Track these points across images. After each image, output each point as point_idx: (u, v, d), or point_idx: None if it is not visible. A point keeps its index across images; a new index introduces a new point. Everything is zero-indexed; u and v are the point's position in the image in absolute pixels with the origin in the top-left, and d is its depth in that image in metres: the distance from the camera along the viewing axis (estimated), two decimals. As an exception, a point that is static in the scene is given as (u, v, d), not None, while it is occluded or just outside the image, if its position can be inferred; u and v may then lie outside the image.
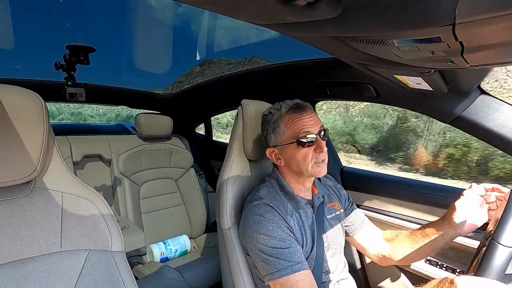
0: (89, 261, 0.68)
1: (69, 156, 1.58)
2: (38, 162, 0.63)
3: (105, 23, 10.28)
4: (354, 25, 0.52)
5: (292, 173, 0.92)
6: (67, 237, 0.67)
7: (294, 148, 0.86)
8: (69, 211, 0.68)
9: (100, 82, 1.88)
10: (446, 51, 0.52)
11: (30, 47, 9.59)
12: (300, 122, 0.85)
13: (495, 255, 0.57)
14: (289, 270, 0.77)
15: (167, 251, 1.67)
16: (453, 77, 0.86)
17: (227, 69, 7.55)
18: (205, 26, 3.99)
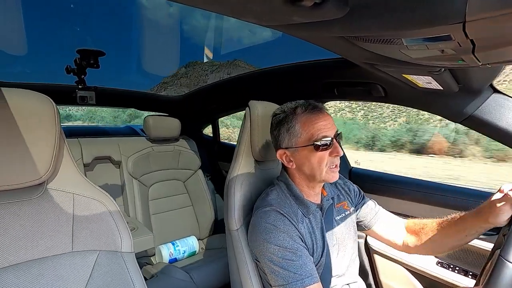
0: (99, 262, 0.69)
1: (80, 158, 1.61)
2: (50, 164, 0.64)
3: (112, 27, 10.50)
4: (362, 25, 0.52)
5: (303, 177, 0.89)
6: (78, 238, 0.68)
7: (309, 151, 0.82)
8: (80, 212, 0.70)
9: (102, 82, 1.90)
10: (456, 50, 0.51)
11: (42, 52, 9.84)
12: (317, 125, 0.82)
13: (503, 273, 0.55)
14: (299, 284, 0.75)
15: (175, 252, 1.68)
16: (464, 76, 0.84)
17: (210, 70, 7.64)
18: (212, 28, 4.04)
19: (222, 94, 1.98)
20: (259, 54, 16.70)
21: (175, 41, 6.73)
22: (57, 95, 0.82)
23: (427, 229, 0.93)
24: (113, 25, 45.41)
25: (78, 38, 32.95)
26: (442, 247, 0.92)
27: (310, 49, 1.03)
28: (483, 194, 1.10)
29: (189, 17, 35.48)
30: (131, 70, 23.54)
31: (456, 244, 0.87)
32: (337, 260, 0.91)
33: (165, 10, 28.69)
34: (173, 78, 8.15)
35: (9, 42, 3.07)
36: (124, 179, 1.72)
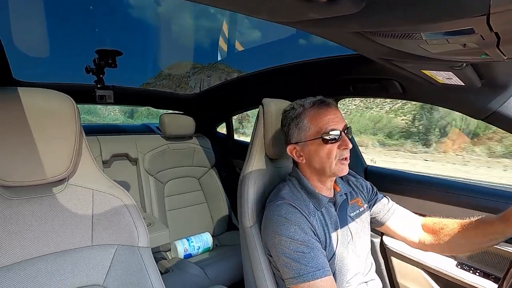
0: (117, 255, 0.72)
1: (99, 155, 1.66)
2: (71, 161, 0.67)
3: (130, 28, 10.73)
4: (379, 20, 0.51)
5: (314, 172, 0.90)
6: (97, 232, 0.71)
7: (317, 145, 0.84)
8: (99, 208, 0.72)
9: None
10: (479, 43, 0.49)
11: (63, 53, 10.21)
12: (325, 118, 0.83)
13: None
14: (310, 276, 0.76)
15: (190, 248, 1.71)
16: (487, 71, 0.81)
17: (192, 72, 7.72)
18: (246, 24, 4.03)
19: (235, 92, 1.98)
20: (244, 58, 16.37)
21: (188, 40, 6.85)
22: (77, 94, 0.84)
23: (448, 229, 0.91)
24: (130, 25, 46.21)
25: (97, 39, 34.13)
26: (462, 249, 0.89)
27: (294, 53, 1.03)
28: (503, 194, 1.05)
29: (176, 17, 34.71)
30: (147, 69, 24.21)
31: (478, 247, 0.85)
32: (352, 256, 0.90)
33: (179, 10, 28.48)
34: (156, 79, 8.28)
35: (32, 46, 3.22)
36: (140, 176, 1.77)
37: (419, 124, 9.14)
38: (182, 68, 8.11)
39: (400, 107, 11.34)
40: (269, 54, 3.53)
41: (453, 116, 7.62)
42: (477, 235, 0.84)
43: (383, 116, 11.88)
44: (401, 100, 1.25)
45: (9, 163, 0.59)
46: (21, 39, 2.44)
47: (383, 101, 11.67)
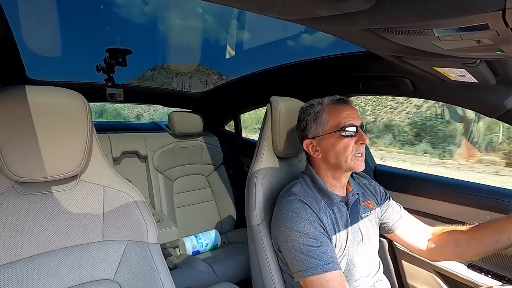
0: (127, 251, 0.73)
1: (109, 152, 1.68)
2: (83, 158, 0.68)
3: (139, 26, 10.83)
4: (390, 16, 0.50)
5: (329, 167, 0.90)
6: (108, 228, 0.72)
7: (335, 138, 0.85)
8: (110, 204, 0.73)
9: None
10: (494, 39, 0.47)
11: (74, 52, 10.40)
12: (343, 114, 0.86)
13: None
14: (319, 269, 0.76)
15: (198, 245, 1.73)
16: (503, 67, 0.78)
17: (175, 74, 7.73)
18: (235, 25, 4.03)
19: (244, 90, 1.98)
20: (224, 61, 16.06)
21: (197, 39, 6.90)
22: (88, 92, 0.86)
23: (456, 234, 0.90)
24: (139, 24, 46.54)
25: (107, 38, 34.49)
26: (470, 253, 0.88)
27: (277, 57, 1.03)
28: None
29: (165, 16, 33.50)
30: (130, 69, 24.59)
31: (484, 250, 0.83)
32: (361, 257, 0.90)
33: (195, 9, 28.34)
34: (139, 80, 8.32)
35: (44, 46, 3.29)
36: (150, 173, 1.79)
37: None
38: (168, 70, 8.21)
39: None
40: (254, 58, 3.54)
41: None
42: (485, 236, 0.83)
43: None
44: (412, 97, 1.23)
45: (22, 159, 0.61)
46: (34, 39, 2.50)
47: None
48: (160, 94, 2.31)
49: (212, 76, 8.73)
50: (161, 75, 8.50)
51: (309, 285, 0.77)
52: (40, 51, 3.25)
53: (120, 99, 1.73)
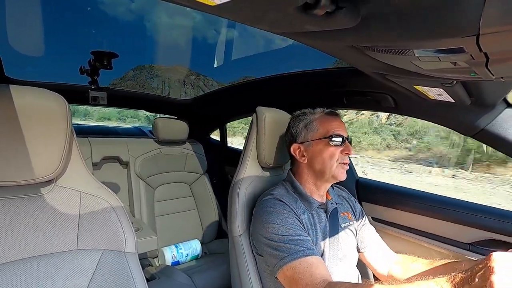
0: (103, 261, 0.70)
1: (89, 157, 1.63)
2: (60, 162, 0.65)
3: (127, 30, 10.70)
4: (373, 35, 0.52)
5: (312, 174, 0.93)
6: (83, 236, 0.69)
7: (323, 145, 0.89)
8: (87, 210, 0.71)
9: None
10: (469, 62, 0.50)
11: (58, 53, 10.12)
12: (334, 123, 0.91)
13: None
14: (301, 254, 0.75)
15: (178, 255, 1.68)
16: (476, 89, 0.83)
17: (156, 74, 7.84)
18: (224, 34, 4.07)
19: (231, 99, 1.99)
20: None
21: (187, 41, 6.88)
22: (70, 94, 0.83)
23: (417, 267, 0.93)
24: (127, 27, 45.35)
25: (93, 40, 33.29)
26: None
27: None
28: (496, 211, 1.07)
29: (150, 14, 31.28)
30: (114, 70, 23.94)
31: None
32: (339, 264, 0.90)
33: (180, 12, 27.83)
34: (121, 80, 8.31)
35: (26, 45, 3.18)
36: (131, 179, 1.74)
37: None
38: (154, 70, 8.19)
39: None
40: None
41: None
42: (445, 272, 0.85)
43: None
44: (393, 113, 1.27)
45: None
46: (16, 38, 2.41)
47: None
48: (146, 99, 2.27)
49: (189, 77, 8.72)
50: (142, 75, 8.44)
51: (292, 273, 0.74)
52: (23, 50, 3.12)
53: (104, 102, 1.69)
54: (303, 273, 0.72)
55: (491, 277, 0.46)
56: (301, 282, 0.72)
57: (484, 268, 0.49)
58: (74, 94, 1.68)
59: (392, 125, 9.91)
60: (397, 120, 10.17)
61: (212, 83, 7.50)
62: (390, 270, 0.98)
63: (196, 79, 8.72)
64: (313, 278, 0.71)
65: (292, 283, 0.75)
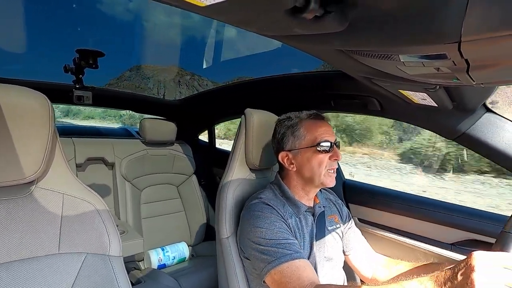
0: (86, 265, 0.68)
1: (73, 158, 1.58)
2: (41, 163, 0.63)
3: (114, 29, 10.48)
4: (361, 40, 0.53)
5: (301, 180, 0.92)
6: (65, 240, 0.67)
7: (311, 153, 0.88)
8: (69, 213, 0.68)
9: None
10: (451, 68, 0.52)
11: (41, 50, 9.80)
12: (320, 129, 0.89)
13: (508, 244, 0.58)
14: (288, 257, 0.75)
15: (165, 258, 1.65)
16: (458, 94, 0.86)
17: (152, 74, 7.84)
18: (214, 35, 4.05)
19: (219, 101, 1.98)
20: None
21: (175, 42, 6.85)
22: (54, 93, 0.81)
23: (401, 265, 0.95)
24: (114, 27, 43.17)
25: (79, 38, 32.00)
26: None
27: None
28: (477, 212, 1.11)
29: (148, 13, 30.82)
30: (111, 69, 23.01)
31: None
32: (326, 267, 0.91)
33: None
34: (118, 80, 8.27)
35: (8, 40, 3.07)
36: (116, 181, 1.70)
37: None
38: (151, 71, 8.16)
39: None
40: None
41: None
42: (427, 273, 0.87)
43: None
44: (379, 117, 1.30)
45: None
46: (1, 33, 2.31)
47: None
48: (133, 99, 2.23)
49: (185, 77, 8.69)
50: (138, 75, 8.34)
51: (279, 276, 0.75)
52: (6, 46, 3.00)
53: (89, 102, 1.65)
54: (290, 277, 0.73)
55: (472, 275, 0.48)
56: (289, 286, 0.72)
57: (466, 266, 0.50)
58: (58, 93, 1.63)
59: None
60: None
61: (207, 83, 7.42)
62: (374, 272, 1.00)
63: (191, 79, 8.67)
64: (300, 282, 0.72)
65: (280, 287, 0.75)
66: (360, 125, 7.34)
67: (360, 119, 6.99)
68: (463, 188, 5.20)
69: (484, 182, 5.29)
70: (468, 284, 0.48)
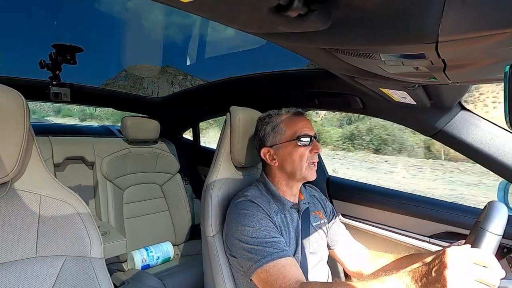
0: (65, 268, 0.65)
1: (50, 157, 1.52)
2: (16, 163, 0.60)
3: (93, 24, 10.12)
4: (343, 38, 0.54)
5: (284, 175, 0.94)
6: (43, 242, 0.64)
7: (292, 147, 0.90)
8: (47, 215, 0.66)
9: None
10: (429, 67, 0.54)
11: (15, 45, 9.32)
12: (300, 124, 0.92)
13: (483, 241, 0.61)
14: (274, 256, 0.76)
15: (149, 258, 1.62)
16: (435, 93, 0.89)
17: (147, 74, 7.91)
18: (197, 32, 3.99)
19: (204, 98, 1.96)
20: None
21: (157, 39, 6.72)
22: (29, 90, 0.77)
23: (384, 258, 0.97)
24: (94, 21, 40.30)
25: (55, 32, 30.13)
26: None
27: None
28: (453, 206, 1.16)
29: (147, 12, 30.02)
30: (110, 69, 21.73)
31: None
32: (311, 263, 0.93)
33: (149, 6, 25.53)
34: (114, 80, 8.32)
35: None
36: (97, 181, 1.65)
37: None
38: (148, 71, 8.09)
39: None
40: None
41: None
42: (410, 264, 0.90)
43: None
44: (361, 114, 1.33)
45: None
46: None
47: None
48: (114, 97, 2.17)
49: (177, 77, 8.67)
50: (134, 75, 8.23)
51: (266, 275, 0.76)
52: (-20, 41, 2.83)
53: (67, 99, 1.59)
54: (276, 275, 0.74)
55: (444, 271, 0.52)
56: (275, 284, 0.74)
57: (440, 263, 0.54)
58: (33, 90, 1.56)
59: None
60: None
61: (199, 83, 7.45)
62: (359, 265, 1.02)
63: (184, 79, 8.68)
64: (286, 280, 0.73)
65: (266, 286, 0.76)
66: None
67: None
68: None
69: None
70: (441, 281, 0.52)
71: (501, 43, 0.40)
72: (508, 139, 0.92)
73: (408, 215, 1.20)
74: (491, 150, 0.94)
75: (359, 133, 10.01)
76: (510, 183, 1.00)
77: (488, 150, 0.94)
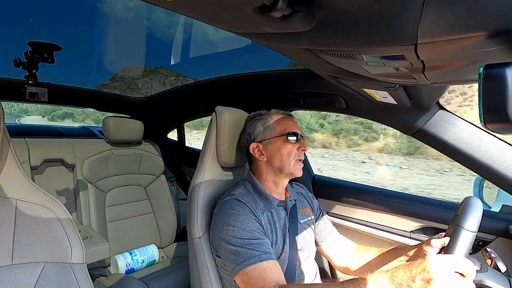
0: (44, 275, 0.63)
1: (27, 160, 1.46)
2: None
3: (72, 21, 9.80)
4: (327, 39, 0.55)
5: (271, 171, 0.96)
6: (20, 249, 0.62)
7: (281, 143, 0.93)
8: (24, 220, 0.63)
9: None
10: (409, 68, 0.56)
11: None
12: (289, 122, 0.97)
13: (460, 238, 0.63)
14: (256, 259, 0.77)
15: (133, 262, 1.59)
16: (415, 93, 0.92)
17: (142, 76, 7.92)
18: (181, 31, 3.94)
19: (189, 98, 1.94)
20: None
21: (140, 37, 6.58)
22: (2, 89, 0.73)
23: (369, 252, 1.00)
24: (72, 18, 37.75)
25: (31, 30, 28.26)
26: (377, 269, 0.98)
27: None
28: (432, 202, 1.20)
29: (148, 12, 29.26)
30: (91, 67, 20.73)
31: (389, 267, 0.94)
32: (299, 260, 0.94)
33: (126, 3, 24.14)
34: (111, 81, 8.22)
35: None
36: (78, 184, 1.60)
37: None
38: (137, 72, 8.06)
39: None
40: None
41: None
42: (394, 257, 0.93)
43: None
44: (345, 114, 1.36)
45: None
46: None
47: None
48: (95, 96, 2.10)
49: (169, 78, 8.66)
50: (130, 76, 8.10)
51: (247, 278, 0.77)
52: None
53: (44, 99, 1.52)
54: (256, 279, 0.76)
55: (431, 283, 0.53)
56: (255, 287, 0.75)
57: (423, 271, 0.55)
58: (7, 90, 1.49)
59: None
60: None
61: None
62: (346, 261, 1.04)
63: (176, 79, 8.67)
64: (265, 283, 0.75)
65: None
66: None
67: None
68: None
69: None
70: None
71: (475, 45, 0.42)
72: (483, 137, 0.97)
73: (391, 212, 1.24)
74: (467, 148, 0.98)
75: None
76: (485, 179, 1.05)
77: (465, 148, 0.98)
